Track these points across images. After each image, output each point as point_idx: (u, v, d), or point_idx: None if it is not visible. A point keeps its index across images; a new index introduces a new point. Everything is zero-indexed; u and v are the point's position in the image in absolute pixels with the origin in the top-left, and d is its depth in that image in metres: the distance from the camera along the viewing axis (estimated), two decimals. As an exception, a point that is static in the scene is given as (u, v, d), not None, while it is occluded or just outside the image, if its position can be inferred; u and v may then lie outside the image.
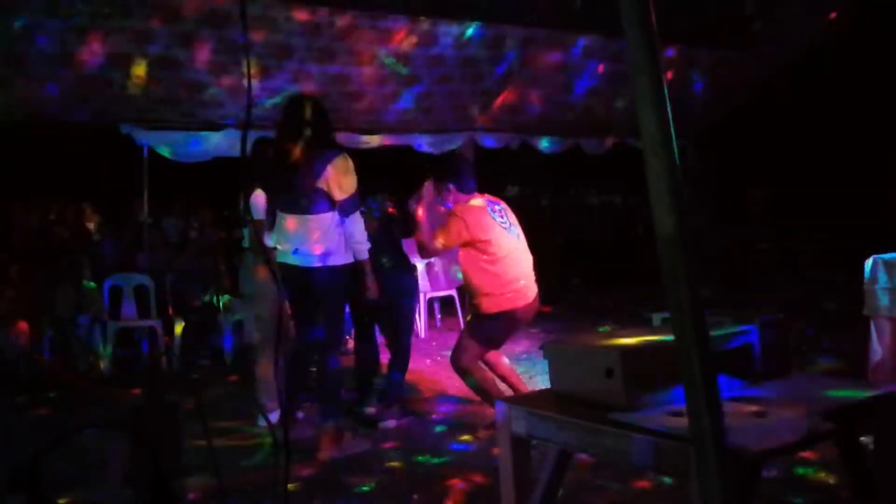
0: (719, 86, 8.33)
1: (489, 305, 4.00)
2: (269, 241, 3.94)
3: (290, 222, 3.74)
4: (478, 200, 4.10)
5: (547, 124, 8.35)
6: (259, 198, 4.07)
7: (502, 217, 4.09)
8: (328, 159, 3.64)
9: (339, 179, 3.64)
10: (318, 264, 3.70)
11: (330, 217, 3.70)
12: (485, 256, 3.96)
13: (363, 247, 3.78)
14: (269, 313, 4.34)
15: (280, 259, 3.78)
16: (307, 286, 3.75)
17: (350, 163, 3.69)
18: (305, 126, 3.69)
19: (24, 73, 5.71)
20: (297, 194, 3.67)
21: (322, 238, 3.68)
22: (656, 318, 4.90)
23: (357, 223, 3.74)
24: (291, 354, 4.01)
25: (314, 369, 4.03)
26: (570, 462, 2.14)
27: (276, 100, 6.29)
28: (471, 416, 4.42)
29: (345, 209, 3.69)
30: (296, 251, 3.71)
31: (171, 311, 6.41)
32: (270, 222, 3.95)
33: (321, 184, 3.63)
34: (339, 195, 3.65)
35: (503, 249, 3.98)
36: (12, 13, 5.11)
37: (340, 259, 3.74)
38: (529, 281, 4.09)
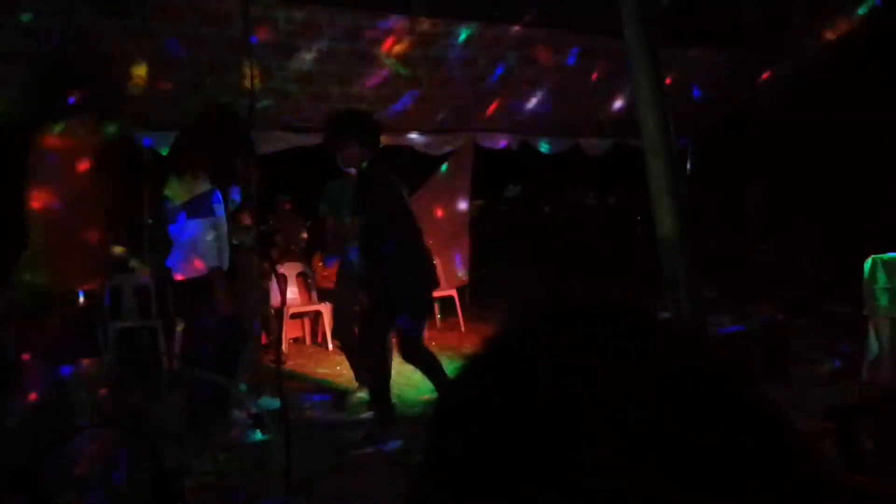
0: (720, 86, 8.32)
1: None
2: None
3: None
4: None
5: (547, 124, 8.34)
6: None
7: None
8: None
9: None
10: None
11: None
12: None
13: None
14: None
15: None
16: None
17: None
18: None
19: (25, 74, 5.70)
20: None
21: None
22: (656, 318, 4.89)
23: None
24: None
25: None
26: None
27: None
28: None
29: None
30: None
31: (171, 312, 6.39)
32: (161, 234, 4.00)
33: None
34: None
35: None
36: (13, 12, 5.10)
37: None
38: None
